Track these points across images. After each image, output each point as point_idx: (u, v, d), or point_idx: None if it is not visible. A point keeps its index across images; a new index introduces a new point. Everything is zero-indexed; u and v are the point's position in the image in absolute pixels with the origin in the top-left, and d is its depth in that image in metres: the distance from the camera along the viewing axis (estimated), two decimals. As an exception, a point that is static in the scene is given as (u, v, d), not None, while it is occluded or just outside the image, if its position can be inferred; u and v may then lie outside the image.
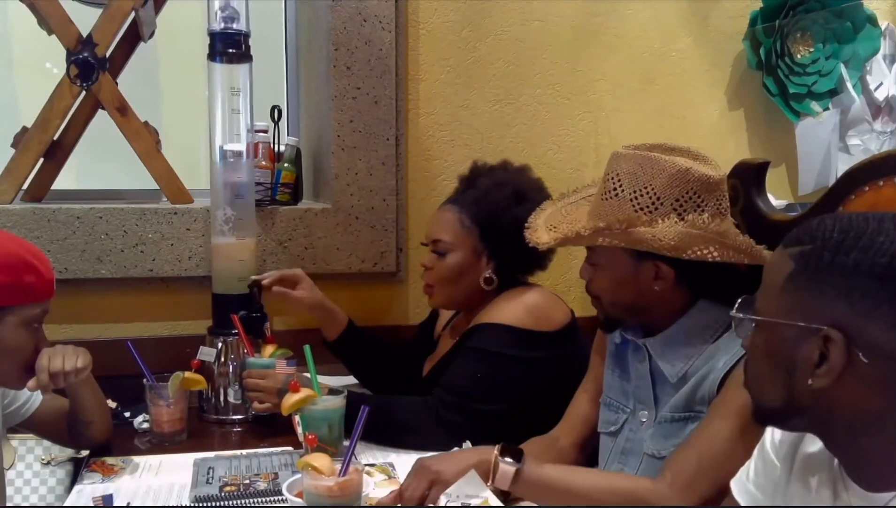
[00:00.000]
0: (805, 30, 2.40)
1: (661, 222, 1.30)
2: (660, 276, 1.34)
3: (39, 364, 1.36)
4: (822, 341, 0.86)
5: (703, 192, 1.32)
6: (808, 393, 0.88)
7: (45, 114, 1.91)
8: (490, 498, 1.32)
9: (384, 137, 2.10)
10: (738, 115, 2.45)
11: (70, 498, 1.43)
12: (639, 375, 1.43)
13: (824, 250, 0.87)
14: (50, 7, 1.90)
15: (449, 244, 1.75)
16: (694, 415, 1.32)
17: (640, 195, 1.32)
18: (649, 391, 1.41)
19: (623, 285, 1.38)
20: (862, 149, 2.41)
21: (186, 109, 2.35)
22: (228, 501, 1.39)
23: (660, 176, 1.32)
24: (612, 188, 1.36)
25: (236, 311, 1.80)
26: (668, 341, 1.37)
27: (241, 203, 1.86)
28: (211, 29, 1.81)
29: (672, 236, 1.29)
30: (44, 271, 1.35)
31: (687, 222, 1.30)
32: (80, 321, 1.94)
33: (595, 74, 2.29)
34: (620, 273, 1.37)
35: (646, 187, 1.32)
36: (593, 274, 1.42)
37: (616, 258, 1.36)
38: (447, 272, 1.76)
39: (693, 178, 1.31)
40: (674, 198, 1.31)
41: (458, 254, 1.75)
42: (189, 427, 1.70)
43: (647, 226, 1.30)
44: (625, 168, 1.35)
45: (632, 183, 1.33)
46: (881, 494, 0.89)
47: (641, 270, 1.35)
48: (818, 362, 0.86)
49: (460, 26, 2.18)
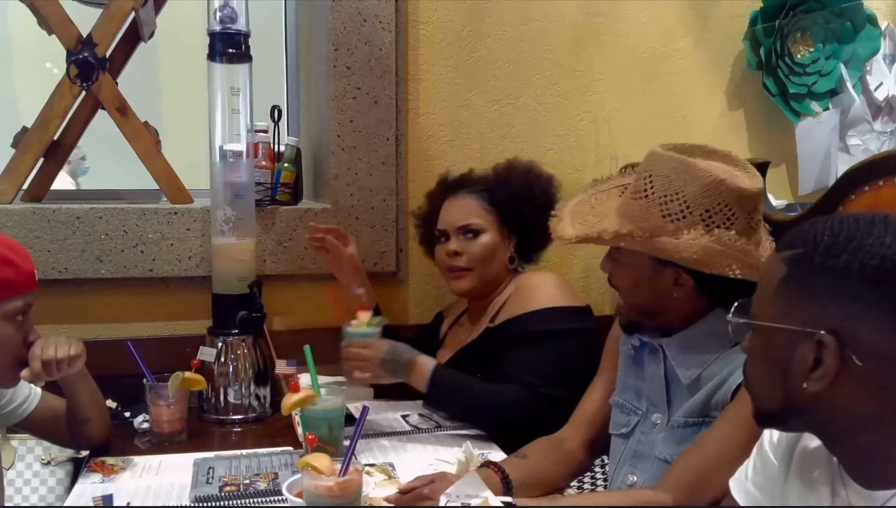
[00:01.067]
0: (805, 30, 2.40)
1: (686, 234, 1.27)
2: (679, 283, 1.33)
3: (32, 353, 1.35)
4: (816, 345, 0.86)
5: (734, 205, 1.29)
6: (805, 396, 0.88)
7: (45, 114, 1.91)
8: (490, 498, 1.32)
9: (384, 137, 2.10)
10: (738, 115, 2.45)
11: (70, 498, 1.43)
12: (653, 377, 1.42)
13: (815, 254, 0.87)
14: (50, 7, 1.90)
15: (480, 225, 1.83)
16: (708, 421, 1.31)
17: (670, 201, 1.30)
18: (663, 393, 1.40)
19: (641, 287, 1.37)
20: (862, 149, 2.41)
21: (186, 109, 2.36)
22: (228, 501, 1.39)
23: (693, 184, 1.29)
24: (643, 188, 1.33)
25: (236, 311, 1.80)
26: (684, 343, 1.36)
27: (241, 203, 1.86)
28: (211, 29, 1.82)
29: (695, 250, 1.26)
30: (21, 263, 1.33)
31: (713, 236, 1.27)
32: (80, 321, 1.94)
33: (595, 74, 2.29)
34: (640, 275, 1.36)
35: (677, 194, 1.29)
36: (613, 269, 1.41)
37: (637, 260, 1.35)
38: (484, 251, 1.83)
39: (726, 190, 1.28)
40: (703, 209, 1.28)
41: (490, 233, 1.84)
42: (189, 427, 1.70)
43: (672, 236, 1.28)
44: (658, 170, 1.32)
45: (663, 187, 1.31)
46: (880, 492, 0.89)
47: (661, 275, 1.34)
48: (813, 366, 0.86)
49: (460, 26, 2.18)
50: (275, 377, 1.87)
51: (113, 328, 1.97)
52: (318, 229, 1.90)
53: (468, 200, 1.86)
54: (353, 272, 1.91)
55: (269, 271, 2.02)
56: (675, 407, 1.38)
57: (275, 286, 2.01)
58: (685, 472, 1.26)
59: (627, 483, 1.41)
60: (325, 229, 1.90)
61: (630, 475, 1.42)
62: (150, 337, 1.98)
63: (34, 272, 1.36)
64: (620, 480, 1.44)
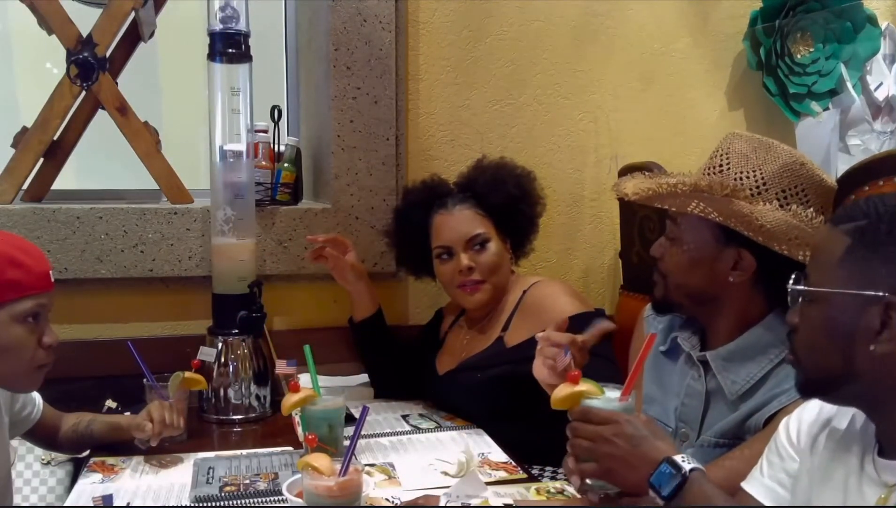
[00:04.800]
0: (805, 30, 2.40)
1: (763, 205, 1.23)
2: (739, 267, 1.26)
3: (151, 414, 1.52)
4: (884, 308, 0.91)
5: (811, 192, 1.26)
6: (869, 359, 0.92)
7: (45, 114, 1.92)
8: (490, 498, 1.32)
9: (384, 137, 2.10)
10: (738, 115, 2.45)
11: (70, 498, 1.43)
12: (691, 393, 1.34)
13: (881, 224, 0.93)
14: (50, 7, 1.90)
15: (486, 234, 1.81)
16: (738, 443, 1.25)
17: (746, 177, 1.25)
18: (699, 412, 1.32)
19: (698, 266, 1.29)
20: (862, 149, 2.41)
21: (186, 109, 2.35)
22: (228, 501, 1.39)
23: (772, 163, 1.26)
24: (718, 165, 1.29)
25: (236, 311, 1.80)
26: (731, 355, 1.29)
27: (241, 203, 1.86)
28: (211, 29, 1.82)
29: (771, 220, 1.21)
30: (32, 264, 1.30)
31: (790, 211, 1.23)
32: (80, 320, 1.94)
33: (595, 74, 2.29)
34: (699, 253, 1.29)
35: (754, 171, 1.26)
36: (668, 249, 1.34)
37: (699, 235, 1.28)
38: (494, 260, 1.81)
39: (806, 173, 1.25)
40: (780, 188, 1.25)
41: (495, 241, 1.82)
42: (189, 427, 1.70)
43: (747, 203, 1.23)
44: (737, 148, 1.29)
45: (740, 163, 1.27)
46: None
47: (722, 255, 1.27)
48: (879, 328, 0.91)
49: (460, 26, 2.18)
50: (275, 377, 1.87)
51: (113, 328, 1.97)
52: (316, 241, 1.89)
53: (466, 211, 1.82)
54: (355, 278, 1.90)
55: (269, 271, 2.02)
56: (708, 425, 1.31)
57: (275, 286, 2.01)
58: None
59: None
60: (323, 239, 1.89)
61: None
62: (150, 337, 1.98)
63: (48, 274, 1.33)
64: None
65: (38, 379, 1.34)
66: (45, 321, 1.33)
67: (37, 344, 1.31)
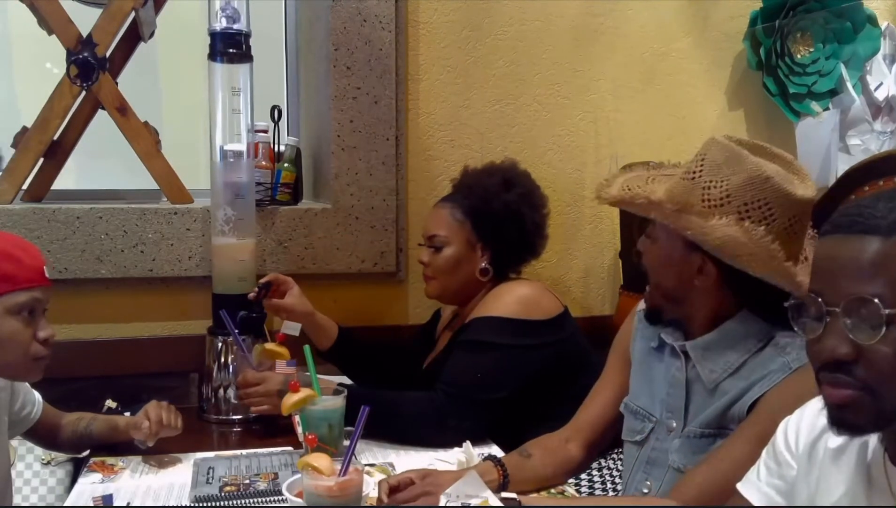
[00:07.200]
0: (805, 30, 2.40)
1: (717, 219, 1.26)
2: (703, 272, 1.31)
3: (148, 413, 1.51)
4: None
5: (776, 206, 1.27)
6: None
7: (45, 114, 1.92)
8: (490, 498, 1.32)
9: (384, 137, 2.10)
10: (738, 115, 2.45)
11: (70, 498, 1.43)
12: (673, 382, 1.39)
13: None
14: (50, 7, 1.90)
15: (444, 239, 1.82)
16: (723, 433, 1.29)
17: (714, 186, 1.28)
18: (682, 400, 1.37)
19: (667, 268, 1.35)
20: (862, 149, 2.41)
21: (186, 109, 2.36)
22: (228, 501, 1.39)
23: (739, 175, 1.28)
24: (693, 170, 1.32)
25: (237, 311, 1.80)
26: (708, 345, 1.34)
27: (241, 203, 1.86)
28: (211, 29, 1.82)
29: (719, 236, 1.25)
30: (25, 258, 1.32)
31: (742, 227, 1.26)
32: (80, 321, 1.94)
33: (595, 74, 2.29)
34: (669, 255, 1.34)
35: (722, 181, 1.28)
36: (647, 247, 1.40)
37: (670, 239, 1.34)
38: (444, 265, 1.82)
39: (770, 188, 1.27)
40: (742, 201, 1.27)
41: (452, 247, 1.81)
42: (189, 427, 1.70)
43: (701, 218, 1.27)
44: (712, 155, 1.32)
45: (711, 172, 1.30)
46: None
47: (688, 259, 1.32)
48: None
49: (460, 26, 2.18)
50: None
51: (113, 328, 1.97)
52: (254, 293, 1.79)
53: (442, 210, 1.84)
54: (303, 314, 1.82)
55: (269, 271, 2.02)
56: (692, 415, 1.35)
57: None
58: (696, 486, 1.24)
59: (643, 490, 1.39)
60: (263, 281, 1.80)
61: (644, 482, 1.40)
62: (150, 337, 1.98)
63: (41, 268, 1.34)
64: (634, 487, 1.42)
65: (37, 370, 1.36)
66: (40, 316, 1.35)
67: (32, 338, 1.33)
